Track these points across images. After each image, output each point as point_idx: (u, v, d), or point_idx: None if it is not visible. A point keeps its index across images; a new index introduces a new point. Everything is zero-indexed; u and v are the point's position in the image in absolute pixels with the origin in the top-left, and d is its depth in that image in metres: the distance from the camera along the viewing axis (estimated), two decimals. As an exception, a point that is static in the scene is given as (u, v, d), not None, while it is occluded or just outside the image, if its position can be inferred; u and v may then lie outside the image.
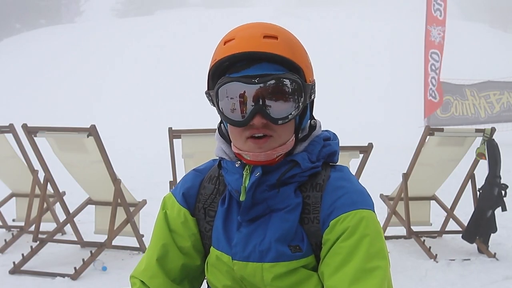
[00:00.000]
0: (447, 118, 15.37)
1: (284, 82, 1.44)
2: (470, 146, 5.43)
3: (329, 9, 35.11)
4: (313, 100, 1.58)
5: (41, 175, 5.24)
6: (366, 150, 4.65)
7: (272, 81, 1.42)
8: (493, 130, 5.22)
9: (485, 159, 5.21)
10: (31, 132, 4.82)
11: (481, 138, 5.26)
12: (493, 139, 5.20)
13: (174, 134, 4.82)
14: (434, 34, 14.27)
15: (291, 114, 1.45)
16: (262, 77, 1.42)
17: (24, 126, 4.80)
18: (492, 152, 5.17)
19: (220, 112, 1.48)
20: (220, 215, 1.59)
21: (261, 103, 1.43)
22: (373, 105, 19.92)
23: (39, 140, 4.88)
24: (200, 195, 1.65)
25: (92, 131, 4.59)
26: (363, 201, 1.51)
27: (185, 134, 4.80)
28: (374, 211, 1.52)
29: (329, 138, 1.62)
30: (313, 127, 1.58)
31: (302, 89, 1.46)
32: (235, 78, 1.44)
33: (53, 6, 45.35)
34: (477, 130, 5.35)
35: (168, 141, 4.88)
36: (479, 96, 15.89)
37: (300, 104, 1.46)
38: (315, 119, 1.59)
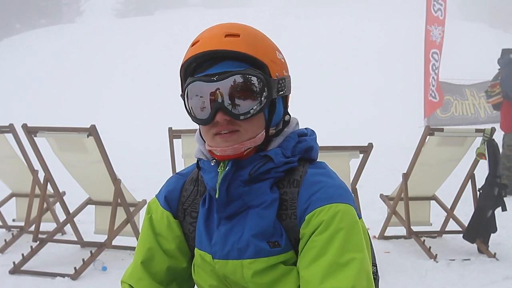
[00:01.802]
0: (447, 118, 15.36)
1: (245, 78, 1.46)
2: (470, 146, 5.43)
3: (329, 8, 35.09)
4: (286, 96, 1.59)
5: (41, 175, 5.24)
6: (366, 150, 4.65)
7: (232, 78, 1.45)
8: (493, 130, 5.22)
9: (485, 159, 5.21)
10: (31, 132, 4.82)
11: (481, 138, 5.26)
12: (493, 139, 5.20)
13: (174, 134, 4.83)
14: (434, 34, 14.25)
15: (253, 109, 1.47)
16: (221, 75, 1.45)
17: (24, 126, 4.80)
18: (492, 152, 5.17)
19: (188, 112, 1.52)
20: (202, 215, 1.61)
21: (221, 100, 1.45)
22: (373, 105, 19.90)
23: (39, 140, 4.88)
24: (183, 197, 1.67)
25: (92, 131, 4.59)
26: (340, 195, 1.51)
27: (185, 134, 4.81)
28: (352, 205, 1.51)
29: (305, 134, 1.63)
30: (286, 123, 1.59)
31: (265, 84, 1.47)
32: (196, 78, 1.48)
33: (53, 6, 45.32)
34: (477, 130, 5.35)
35: (168, 141, 4.88)
36: (479, 96, 15.87)
37: (263, 99, 1.48)
38: (289, 115, 1.60)
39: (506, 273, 4.71)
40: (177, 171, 4.92)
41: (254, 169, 1.51)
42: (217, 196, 1.52)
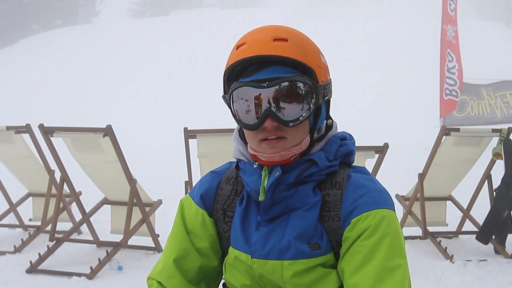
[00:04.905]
0: (463, 118, 15.26)
1: (294, 85, 1.44)
2: (486, 146, 5.40)
3: (345, 8, 34.99)
4: (329, 100, 1.58)
5: (58, 175, 5.27)
6: (381, 150, 4.63)
7: (282, 84, 1.44)
8: (509, 130, 5.18)
9: (502, 159, 5.17)
10: (47, 132, 4.85)
11: (498, 138, 5.22)
12: (510, 139, 5.16)
13: (189, 134, 4.83)
14: (450, 33, 14.16)
15: (302, 116, 1.46)
16: (271, 81, 1.43)
17: (41, 126, 4.83)
18: (508, 152, 5.13)
19: (234, 116, 1.51)
20: (238, 215, 1.60)
21: (271, 106, 1.44)
22: (389, 105, 19.83)
23: (56, 140, 4.92)
24: (218, 196, 1.66)
25: (108, 131, 4.61)
26: (385, 200, 1.52)
27: (200, 134, 4.81)
28: (394, 211, 1.53)
29: (346, 138, 1.63)
30: (329, 127, 1.59)
31: (314, 90, 1.46)
32: (245, 83, 1.46)
33: (69, 7, 45.63)
34: (494, 130, 5.31)
35: (184, 141, 4.89)
36: (495, 96, 15.75)
37: (311, 105, 1.47)
38: (331, 119, 1.59)
39: (523, 274, 4.68)
40: (192, 172, 4.94)
41: (300, 173, 1.51)
42: (260, 198, 1.53)
